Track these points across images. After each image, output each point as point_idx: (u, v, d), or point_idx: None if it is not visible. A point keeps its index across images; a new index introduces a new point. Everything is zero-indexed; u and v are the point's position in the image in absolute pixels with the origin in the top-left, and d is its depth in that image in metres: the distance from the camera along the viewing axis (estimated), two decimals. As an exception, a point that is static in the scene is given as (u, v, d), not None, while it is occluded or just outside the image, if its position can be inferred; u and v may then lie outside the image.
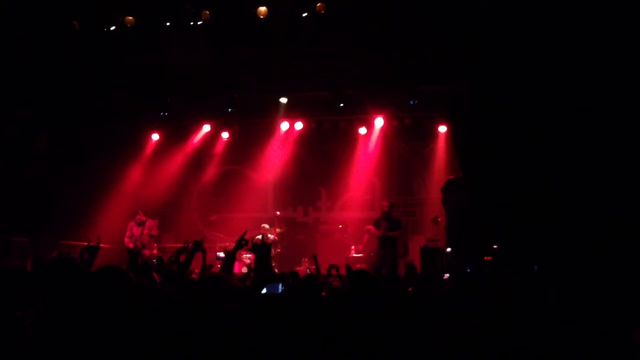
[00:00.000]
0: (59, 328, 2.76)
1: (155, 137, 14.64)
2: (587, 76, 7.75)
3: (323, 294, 4.60)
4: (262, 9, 10.53)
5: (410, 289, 5.11)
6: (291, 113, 13.70)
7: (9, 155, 12.11)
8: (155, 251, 12.23)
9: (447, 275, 8.65)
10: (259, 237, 12.70)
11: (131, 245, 12.00)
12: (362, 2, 10.53)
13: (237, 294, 3.20)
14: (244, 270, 11.35)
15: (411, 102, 12.87)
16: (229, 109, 13.97)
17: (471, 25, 9.01)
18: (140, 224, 12.25)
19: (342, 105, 13.35)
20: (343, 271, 5.25)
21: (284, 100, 13.51)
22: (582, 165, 7.85)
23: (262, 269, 4.05)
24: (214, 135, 14.52)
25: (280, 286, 10.70)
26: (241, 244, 4.64)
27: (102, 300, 2.85)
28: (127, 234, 12.31)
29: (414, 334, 2.72)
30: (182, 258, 5.46)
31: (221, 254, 10.94)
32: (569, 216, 7.76)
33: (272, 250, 12.12)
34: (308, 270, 11.47)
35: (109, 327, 2.69)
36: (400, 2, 10.20)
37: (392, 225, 11.29)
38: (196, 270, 6.43)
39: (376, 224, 11.48)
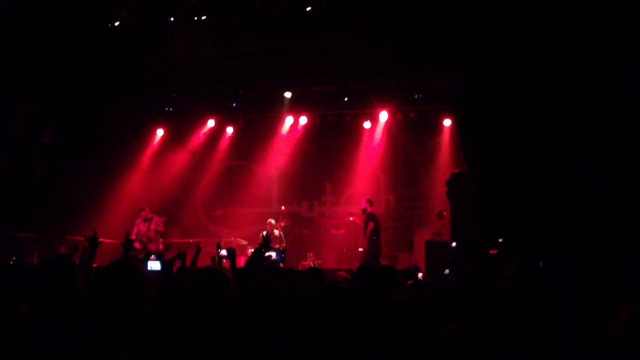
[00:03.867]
0: (62, 323, 2.78)
1: (160, 132, 14.69)
2: (594, 69, 7.71)
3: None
4: None
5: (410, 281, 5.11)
6: (296, 107, 13.71)
7: (15, 151, 12.16)
8: (161, 247, 12.28)
9: (447, 271, 8.67)
10: (264, 232, 12.76)
11: (137, 245, 11.98)
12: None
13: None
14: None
15: (416, 96, 12.86)
16: (234, 104, 14.00)
17: (476, 17, 8.97)
18: (147, 220, 12.30)
19: (346, 99, 13.35)
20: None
21: (288, 94, 13.52)
22: (589, 158, 7.82)
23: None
24: (218, 130, 14.55)
25: (280, 254, 10.73)
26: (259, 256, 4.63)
27: (114, 295, 2.88)
28: (134, 230, 12.35)
29: (414, 326, 2.74)
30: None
31: (223, 252, 10.93)
32: (574, 209, 7.74)
33: (278, 245, 12.17)
34: (312, 264, 11.51)
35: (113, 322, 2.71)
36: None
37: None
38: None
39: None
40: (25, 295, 3.34)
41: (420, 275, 10.38)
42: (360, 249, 11.75)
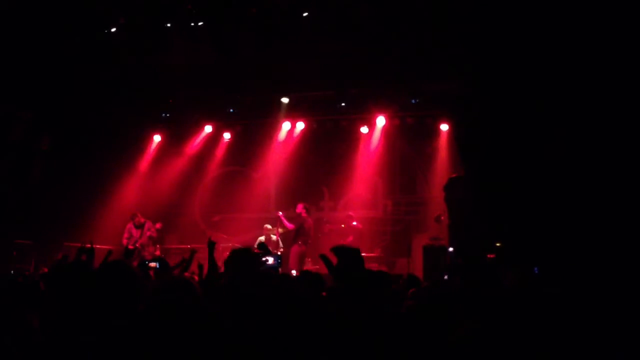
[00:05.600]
0: (66, 327, 2.79)
1: (157, 138, 14.68)
2: (590, 74, 7.73)
3: (323, 293, 4.58)
4: None
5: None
6: (293, 113, 13.71)
7: (13, 157, 12.15)
8: (157, 252, 12.24)
9: (446, 277, 8.68)
10: (262, 238, 12.75)
11: (131, 247, 12.01)
12: (363, 1, 10.51)
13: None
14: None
15: (413, 101, 12.87)
16: (231, 110, 14.00)
17: (473, 23, 9.00)
18: (139, 226, 12.27)
19: (343, 104, 13.35)
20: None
21: (285, 100, 13.52)
22: (585, 163, 7.84)
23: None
24: (215, 136, 14.55)
25: (277, 259, 10.82)
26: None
27: (110, 294, 2.88)
28: (125, 235, 12.32)
29: (414, 333, 2.73)
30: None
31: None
32: (571, 214, 7.75)
33: (275, 250, 12.15)
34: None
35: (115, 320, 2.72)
36: (402, 1, 10.19)
37: None
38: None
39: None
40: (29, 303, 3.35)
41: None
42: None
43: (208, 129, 14.39)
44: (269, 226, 12.75)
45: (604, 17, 7.43)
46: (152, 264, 5.98)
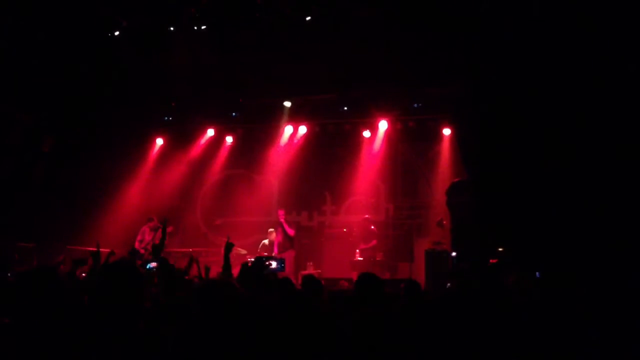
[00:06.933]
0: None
1: (159, 141, 14.69)
2: (593, 77, 7.72)
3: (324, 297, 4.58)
4: None
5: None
6: (295, 117, 13.71)
7: (14, 159, 12.16)
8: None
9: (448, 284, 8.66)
10: (265, 241, 12.76)
11: (142, 251, 11.99)
12: (365, 5, 10.52)
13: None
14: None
15: (415, 105, 12.87)
16: (233, 113, 14.01)
17: (475, 26, 9.00)
18: (154, 229, 12.28)
19: (346, 108, 13.36)
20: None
21: (288, 104, 13.53)
22: (588, 167, 7.82)
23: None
24: (218, 140, 14.55)
25: (280, 263, 10.84)
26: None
27: (113, 287, 2.88)
28: (139, 237, 12.32)
29: (417, 336, 2.72)
30: None
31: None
32: (573, 219, 7.72)
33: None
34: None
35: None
36: (403, 4, 10.19)
37: None
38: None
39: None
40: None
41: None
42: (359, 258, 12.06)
43: (210, 132, 14.41)
44: (272, 230, 12.75)
45: (603, 19, 7.42)
46: (153, 264, 5.98)
